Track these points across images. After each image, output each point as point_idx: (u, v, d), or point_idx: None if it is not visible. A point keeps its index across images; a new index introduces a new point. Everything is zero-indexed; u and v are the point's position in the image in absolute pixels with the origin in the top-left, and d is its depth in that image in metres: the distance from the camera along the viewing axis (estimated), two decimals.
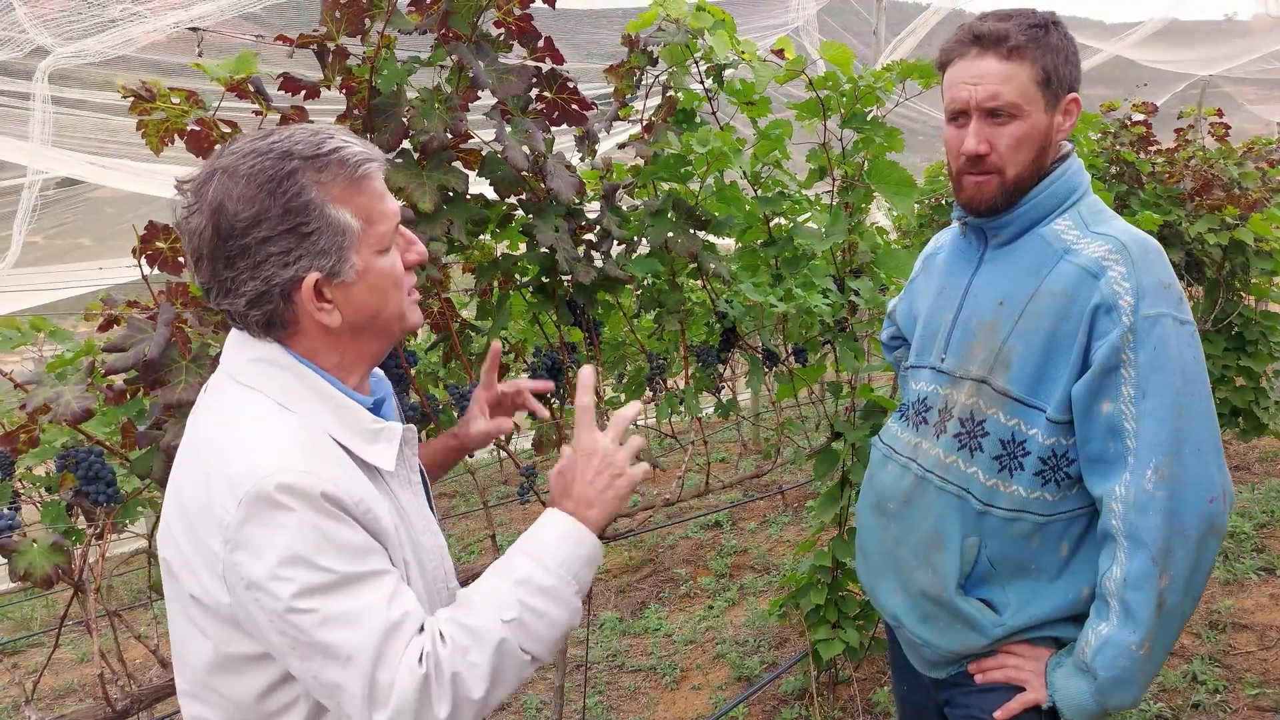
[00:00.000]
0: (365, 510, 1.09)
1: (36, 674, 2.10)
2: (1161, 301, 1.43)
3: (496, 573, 1.18)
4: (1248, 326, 4.79)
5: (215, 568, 1.06)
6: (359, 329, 1.18)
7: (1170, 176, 4.41)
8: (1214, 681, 3.34)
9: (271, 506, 1.03)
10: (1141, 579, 1.41)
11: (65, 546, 1.62)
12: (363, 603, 1.05)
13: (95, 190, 8.04)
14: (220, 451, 1.09)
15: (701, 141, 2.21)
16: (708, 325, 2.72)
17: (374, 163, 1.16)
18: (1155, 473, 1.40)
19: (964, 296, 1.65)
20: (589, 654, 4.33)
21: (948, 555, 1.58)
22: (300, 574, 1.02)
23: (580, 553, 1.20)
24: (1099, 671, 1.44)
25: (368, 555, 1.08)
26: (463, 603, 1.15)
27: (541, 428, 2.60)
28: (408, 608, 1.08)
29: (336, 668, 1.04)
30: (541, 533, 1.21)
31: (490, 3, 1.85)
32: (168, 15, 4.42)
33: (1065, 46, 1.51)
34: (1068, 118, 1.54)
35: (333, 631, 1.03)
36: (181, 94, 1.62)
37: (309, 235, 1.09)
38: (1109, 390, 1.44)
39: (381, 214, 1.16)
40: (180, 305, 1.66)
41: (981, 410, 1.57)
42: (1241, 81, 13.27)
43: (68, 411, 1.55)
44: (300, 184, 1.08)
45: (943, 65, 1.57)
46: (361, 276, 1.14)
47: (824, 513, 3.04)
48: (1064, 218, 1.56)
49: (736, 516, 6.48)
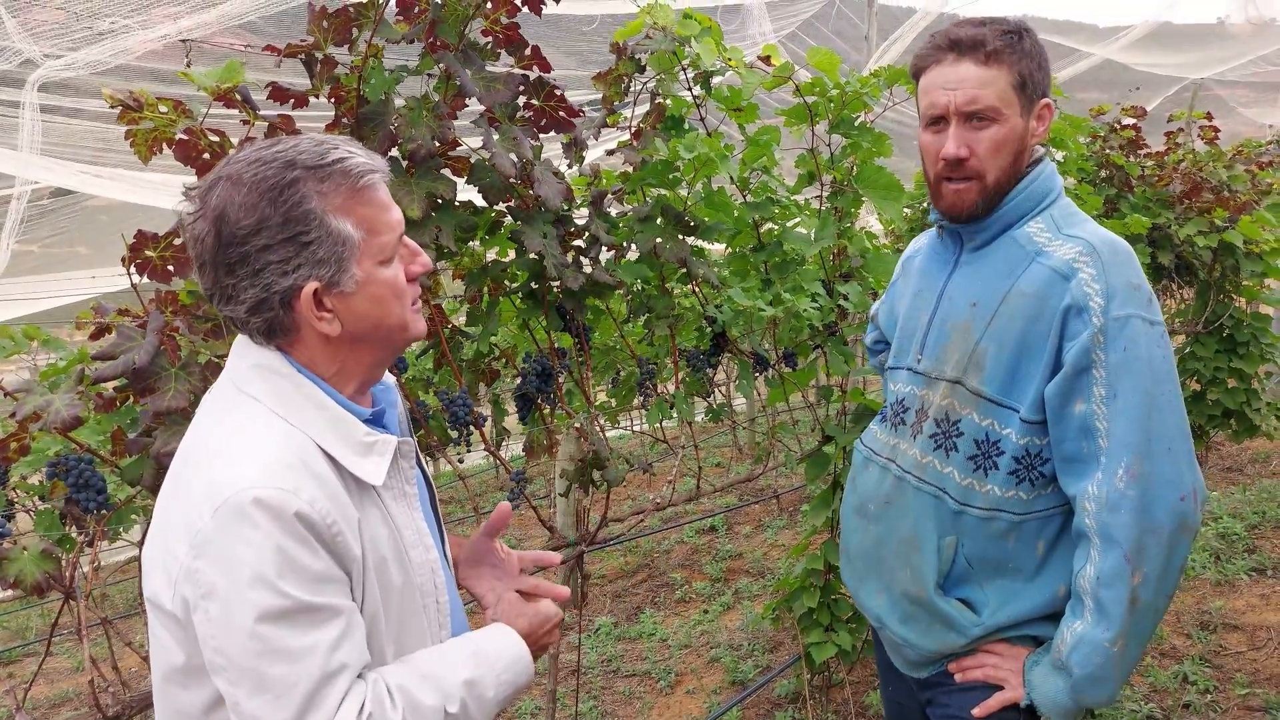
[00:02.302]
0: (336, 533, 1.09)
1: (28, 682, 2.10)
2: (1131, 303, 1.45)
3: (449, 655, 1.21)
4: (1239, 328, 4.81)
5: (172, 570, 1.06)
6: (359, 338, 1.18)
7: (1160, 180, 4.43)
8: (1204, 682, 3.35)
9: (242, 520, 1.03)
10: (1114, 577, 1.42)
11: (56, 554, 1.62)
12: (308, 641, 1.04)
13: (91, 199, 8.05)
14: (207, 456, 1.11)
15: (689, 147, 2.23)
16: (698, 330, 2.73)
17: (377, 173, 1.16)
18: (1127, 471, 1.42)
19: (939, 298, 1.66)
20: (583, 659, 4.34)
21: (925, 555, 1.60)
22: (257, 596, 1.02)
23: (519, 683, 1.27)
24: (1074, 669, 1.46)
25: (326, 585, 1.07)
26: (414, 674, 1.16)
27: (532, 433, 2.61)
28: (347, 660, 1.07)
29: (264, 701, 1.03)
30: (498, 648, 1.27)
31: (477, 11, 1.86)
32: (158, 27, 4.43)
33: (1038, 53, 1.53)
34: (1041, 123, 1.57)
35: (272, 664, 1.03)
36: (169, 103, 1.63)
37: (308, 245, 1.10)
38: (1081, 391, 1.46)
39: (384, 225, 1.16)
40: (170, 313, 1.66)
41: (956, 411, 1.58)
42: (1234, 84, 13.32)
43: (58, 419, 1.55)
44: (301, 193, 1.09)
45: (917, 73, 1.59)
46: (362, 287, 1.15)
47: (816, 516, 3.05)
48: (1037, 220, 1.57)
49: (731, 521, 6.49)
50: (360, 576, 1.14)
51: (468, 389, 2.22)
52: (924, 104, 1.56)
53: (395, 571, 1.20)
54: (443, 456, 2.34)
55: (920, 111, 1.59)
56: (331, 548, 1.09)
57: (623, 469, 2.38)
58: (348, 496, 1.14)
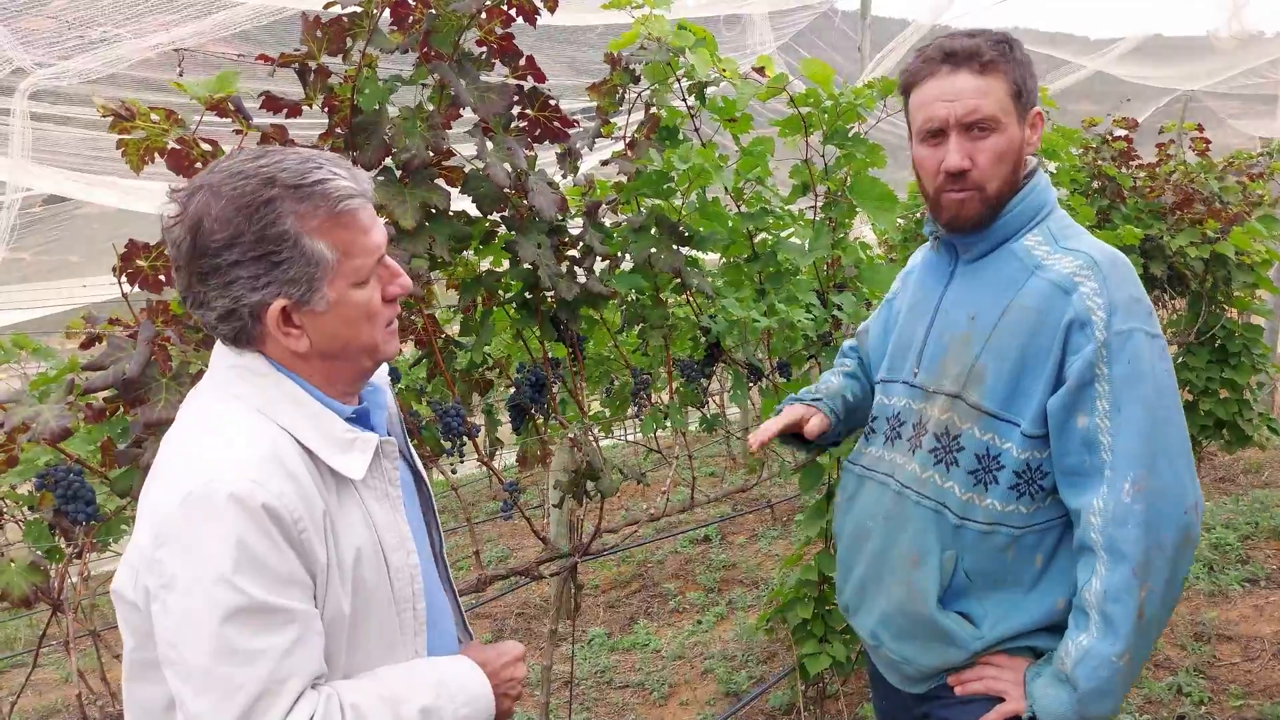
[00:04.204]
0: (302, 530, 1.08)
1: (16, 694, 2.08)
2: (1133, 316, 1.45)
3: (411, 679, 1.18)
4: (1230, 339, 4.83)
5: (132, 559, 1.07)
6: (330, 356, 1.18)
7: (1151, 191, 4.45)
8: (1199, 693, 3.35)
9: (208, 511, 1.03)
10: (1122, 591, 1.42)
11: (43, 566, 1.61)
12: (261, 644, 1.03)
13: (83, 207, 8.03)
14: (182, 449, 1.12)
15: (683, 158, 2.23)
16: (692, 340, 2.73)
17: (358, 197, 1.15)
18: (1133, 485, 1.41)
19: (936, 311, 1.66)
20: (576, 670, 4.32)
21: (927, 570, 1.59)
22: (215, 591, 1.02)
23: (476, 719, 1.23)
24: (1080, 682, 1.45)
25: (287, 587, 1.06)
26: (371, 695, 1.13)
27: (526, 443, 2.60)
28: (299, 668, 1.06)
29: (210, 701, 1.02)
30: (462, 681, 1.23)
31: (472, 22, 1.86)
32: (150, 36, 4.43)
33: (1028, 62, 1.54)
34: (1034, 132, 1.57)
35: (221, 663, 1.02)
36: (161, 113, 1.63)
37: (280, 264, 1.10)
38: (1084, 404, 1.46)
39: (361, 248, 1.16)
40: (161, 323, 1.65)
41: (956, 425, 1.57)
42: (1225, 97, 13.38)
43: (46, 430, 1.54)
44: (278, 212, 1.09)
45: (908, 87, 1.58)
46: (333, 307, 1.15)
47: (810, 526, 3.04)
48: (1034, 233, 1.57)
49: (725, 531, 6.48)
50: (325, 580, 1.12)
51: (461, 399, 2.21)
52: (920, 118, 1.55)
53: (371, 573, 1.18)
54: (435, 467, 2.33)
55: (914, 126, 1.58)
56: (297, 546, 1.08)
57: (617, 479, 2.37)
58: (322, 496, 1.13)
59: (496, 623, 5.29)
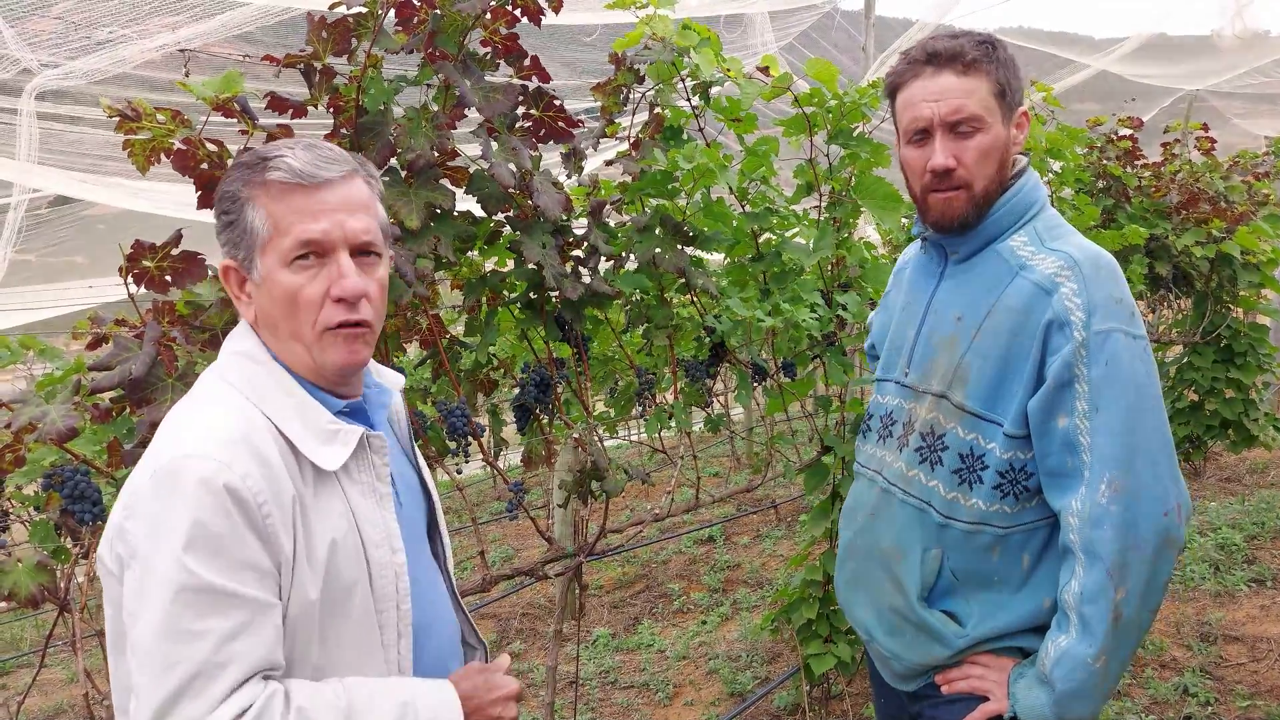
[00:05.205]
0: (266, 515, 1.09)
1: (23, 694, 2.09)
2: (1113, 317, 1.45)
3: (375, 699, 1.12)
4: (1236, 339, 4.83)
5: (109, 529, 1.10)
6: (272, 333, 1.21)
7: (1157, 190, 4.44)
8: (1205, 694, 3.34)
9: (172, 486, 1.06)
10: (1097, 592, 1.42)
11: (50, 566, 1.61)
12: (204, 626, 1.03)
13: (89, 208, 8.05)
14: (162, 428, 1.16)
15: (688, 158, 2.23)
16: (696, 340, 2.73)
17: (307, 180, 1.16)
18: (1109, 486, 1.42)
19: (925, 312, 1.67)
20: (581, 670, 4.32)
21: (908, 566, 1.60)
22: (167, 566, 1.03)
23: None
24: (1057, 683, 1.46)
25: (240, 571, 1.06)
26: (326, 704, 1.09)
27: (530, 443, 2.60)
28: (241, 654, 1.04)
29: (148, 676, 1.02)
30: (434, 708, 1.17)
31: (477, 22, 1.86)
32: (156, 37, 4.44)
33: (1012, 62, 1.55)
34: (1020, 131, 1.57)
35: (164, 640, 1.02)
36: (167, 113, 1.63)
37: (230, 224, 1.19)
38: (1063, 405, 1.46)
39: (292, 228, 1.15)
40: (167, 324, 1.66)
41: (941, 424, 1.58)
42: (1230, 96, 13.37)
43: (53, 430, 1.55)
44: (234, 177, 1.18)
45: (893, 90, 1.59)
46: (265, 281, 1.18)
47: (814, 527, 3.04)
48: (1020, 233, 1.58)
49: (730, 531, 6.48)
50: (291, 570, 1.11)
51: (466, 399, 2.21)
52: (905, 119, 1.56)
53: (348, 566, 1.17)
54: (440, 466, 2.33)
55: (901, 128, 1.59)
56: (259, 531, 1.08)
57: (621, 479, 2.37)
58: (294, 483, 1.13)
59: (501, 623, 5.30)
